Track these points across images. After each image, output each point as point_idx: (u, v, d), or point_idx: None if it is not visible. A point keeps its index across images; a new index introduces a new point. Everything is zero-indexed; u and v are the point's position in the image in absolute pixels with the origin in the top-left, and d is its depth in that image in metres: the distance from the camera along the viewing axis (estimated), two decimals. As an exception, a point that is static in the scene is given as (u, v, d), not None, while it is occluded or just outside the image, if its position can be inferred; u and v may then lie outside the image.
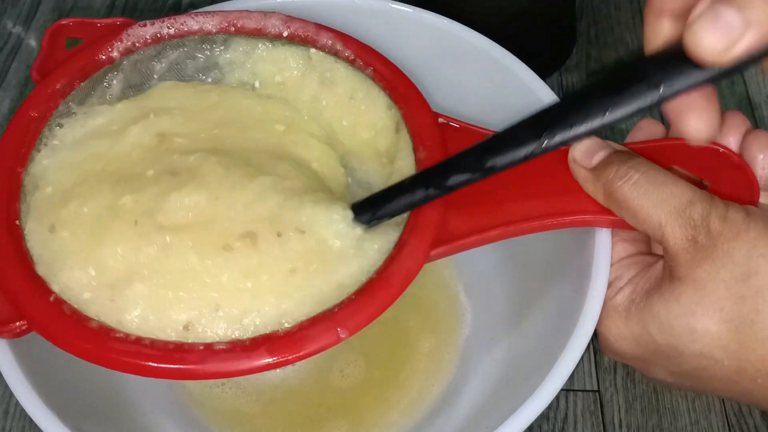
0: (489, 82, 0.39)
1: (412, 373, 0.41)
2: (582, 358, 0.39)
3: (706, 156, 0.32)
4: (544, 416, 0.41)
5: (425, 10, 0.40)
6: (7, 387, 0.30)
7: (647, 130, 0.34)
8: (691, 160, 0.30)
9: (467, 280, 0.44)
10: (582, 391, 0.42)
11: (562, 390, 0.36)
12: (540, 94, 0.37)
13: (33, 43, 0.58)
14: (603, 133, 0.28)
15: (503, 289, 0.42)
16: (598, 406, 0.41)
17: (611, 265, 0.32)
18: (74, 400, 0.32)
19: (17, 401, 0.30)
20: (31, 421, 0.29)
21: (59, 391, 0.31)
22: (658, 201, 0.29)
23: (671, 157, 0.32)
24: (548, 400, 0.29)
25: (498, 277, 0.42)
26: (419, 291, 0.43)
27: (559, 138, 0.26)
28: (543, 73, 0.38)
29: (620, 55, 0.56)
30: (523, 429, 0.29)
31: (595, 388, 0.42)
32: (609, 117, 0.25)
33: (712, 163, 0.31)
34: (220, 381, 0.40)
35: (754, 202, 0.31)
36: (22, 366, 0.30)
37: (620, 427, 0.41)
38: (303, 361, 0.27)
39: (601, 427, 0.41)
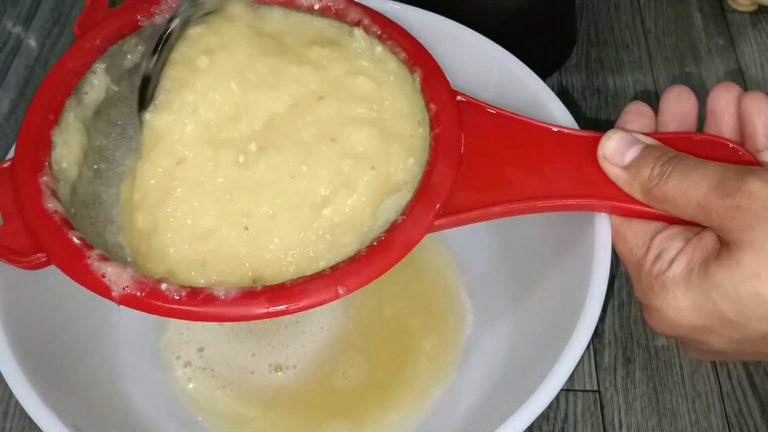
0: (489, 82, 0.39)
1: (414, 373, 0.41)
2: (582, 358, 0.39)
3: (717, 150, 0.32)
4: (544, 416, 0.41)
5: (425, 10, 0.40)
6: (7, 387, 0.30)
7: (640, 113, 0.34)
8: (700, 154, 0.30)
9: (469, 279, 0.44)
10: (582, 391, 0.42)
11: (562, 390, 0.36)
12: (540, 94, 0.37)
13: (33, 43, 0.58)
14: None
15: (504, 289, 0.42)
16: (598, 406, 0.41)
17: (652, 238, 0.31)
18: (74, 401, 0.32)
19: (17, 401, 0.30)
20: (31, 421, 0.29)
21: (59, 392, 0.31)
22: (692, 184, 0.29)
23: (680, 150, 0.32)
24: (548, 400, 0.29)
25: (499, 276, 0.42)
26: (421, 291, 0.43)
27: None
28: (543, 73, 0.38)
29: (620, 55, 0.56)
30: (523, 429, 0.29)
31: (595, 388, 0.42)
32: None
33: (721, 157, 0.31)
34: (221, 383, 0.40)
35: None
36: (22, 366, 0.30)
37: (620, 427, 0.41)
38: (305, 363, 0.27)
39: (601, 428, 0.41)
